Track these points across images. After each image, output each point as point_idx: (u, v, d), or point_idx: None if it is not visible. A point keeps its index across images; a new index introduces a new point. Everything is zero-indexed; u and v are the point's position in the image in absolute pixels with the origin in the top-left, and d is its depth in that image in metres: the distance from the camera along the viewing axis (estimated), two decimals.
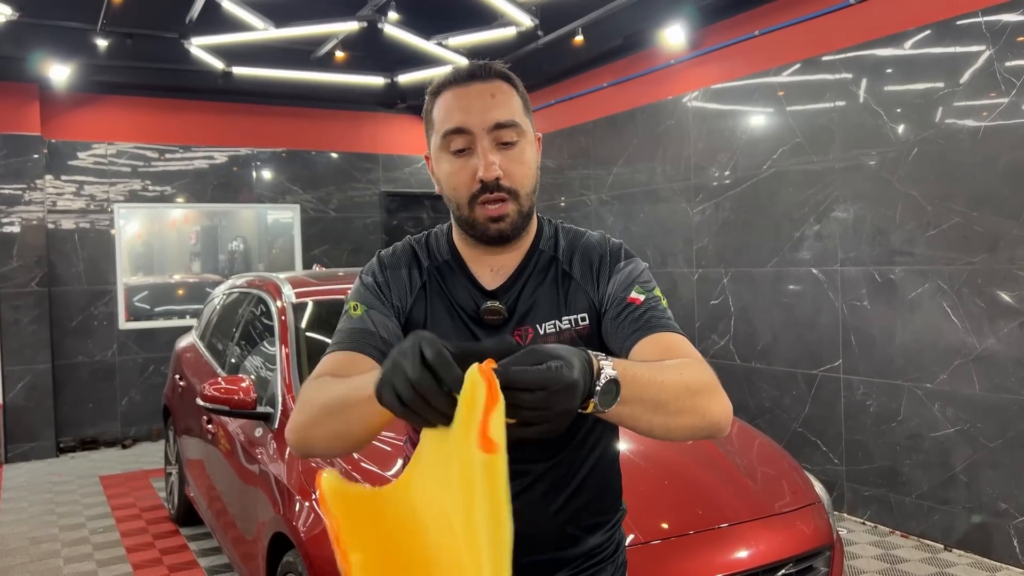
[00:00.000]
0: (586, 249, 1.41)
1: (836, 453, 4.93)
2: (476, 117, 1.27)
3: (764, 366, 5.39)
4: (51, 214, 7.13)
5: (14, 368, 6.81)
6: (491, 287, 1.38)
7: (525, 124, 1.33)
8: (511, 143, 1.30)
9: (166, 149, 7.62)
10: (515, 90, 1.34)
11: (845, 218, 4.80)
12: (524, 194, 1.31)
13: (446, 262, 1.42)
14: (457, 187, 1.30)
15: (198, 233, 8.10)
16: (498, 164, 1.27)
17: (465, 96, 1.30)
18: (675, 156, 6.06)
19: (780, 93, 5.15)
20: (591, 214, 6.99)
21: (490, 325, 1.35)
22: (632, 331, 1.28)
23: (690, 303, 5.97)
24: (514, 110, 1.31)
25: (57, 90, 6.91)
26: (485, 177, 1.26)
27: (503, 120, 1.28)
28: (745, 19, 5.45)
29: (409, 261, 1.43)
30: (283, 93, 7.65)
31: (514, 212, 1.31)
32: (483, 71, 1.32)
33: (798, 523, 2.73)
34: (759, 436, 3.30)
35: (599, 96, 6.83)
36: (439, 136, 1.31)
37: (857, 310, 4.76)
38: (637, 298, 1.32)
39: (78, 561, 4.49)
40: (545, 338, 1.34)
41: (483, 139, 1.27)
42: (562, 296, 1.37)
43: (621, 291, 1.33)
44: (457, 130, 1.28)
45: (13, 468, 6.64)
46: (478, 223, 1.31)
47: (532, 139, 1.36)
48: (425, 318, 1.38)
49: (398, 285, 1.40)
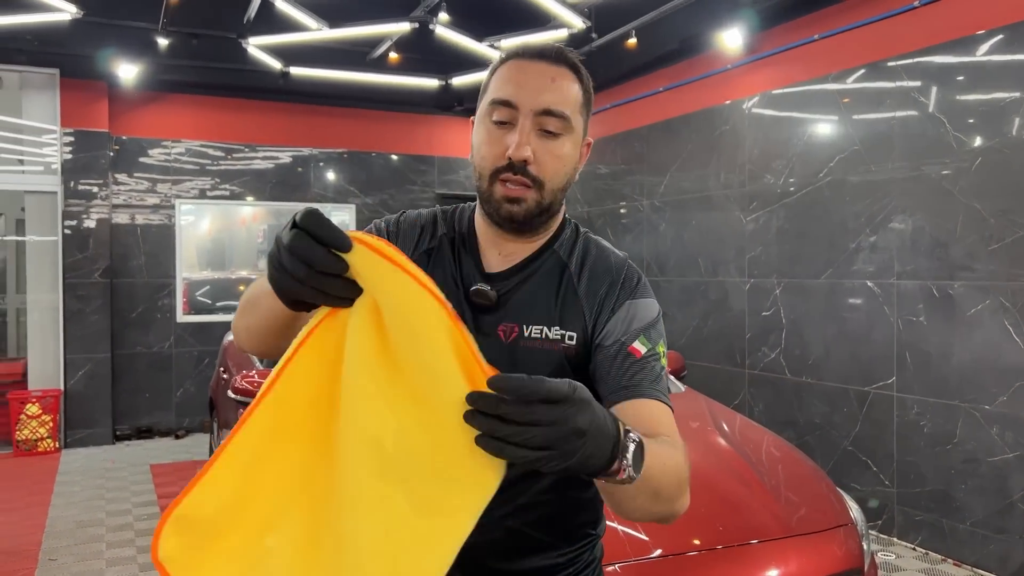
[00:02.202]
0: (600, 269, 1.34)
1: (887, 474, 4.72)
2: (527, 95, 1.22)
3: (815, 381, 5.20)
4: (116, 208, 7.35)
5: (76, 356, 7.03)
6: (492, 270, 1.32)
7: (576, 121, 1.26)
8: (554, 134, 1.23)
9: (231, 148, 7.79)
10: (579, 83, 1.28)
11: (903, 230, 4.61)
12: (549, 188, 1.25)
13: (461, 234, 1.37)
14: (485, 156, 1.25)
15: (264, 231, 8.26)
16: (532, 148, 1.22)
17: (525, 71, 1.25)
18: (729, 163, 5.92)
19: (845, 100, 4.97)
20: (643, 220, 6.89)
21: (477, 308, 1.30)
22: (619, 387, 1.20)
23: (741, 314, 5.81)
24: (569, 102, 1.25)
25: (124, 88, 7.11)
26: (514, 156, 1.21)
27: (553, 108, 1.22)
28: (804, 23, 5.29)
29: (426, 224, 1.39)
30: (342, 94, 7.74)
31: (533, 201, 1.24)
32: (553, 53, 1.26)
33: (828, 544, 2.61)
34: (794, 452, 3.17)
35: (654, 100, 6.72)
36: (487, 102, 1.27)
37: (913, 326, 4.56)
38: (638, 349, 1.24)
39: (119, 546, 4.59)
40: (529, 341, 1.27)
41: (527, 119, 1.22)
42: (559, 306, 1.30)
43: (623, 333, 1.25)
44: (505, 102, 1.23)
45: (71, 453, 6.85)
46: (494, 199, 1.25)
47: (579, 139, 1.29)
48: None
49: (406, 238, 1.37)
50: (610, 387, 1.21)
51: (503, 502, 1.21)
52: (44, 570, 4.24)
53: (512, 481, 1.22)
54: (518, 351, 1.26)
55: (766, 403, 5.57)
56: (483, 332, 1.27)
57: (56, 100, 7.02)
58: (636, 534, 2.47)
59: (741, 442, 3.15)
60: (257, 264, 8.17)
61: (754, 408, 5.67)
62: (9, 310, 8.76)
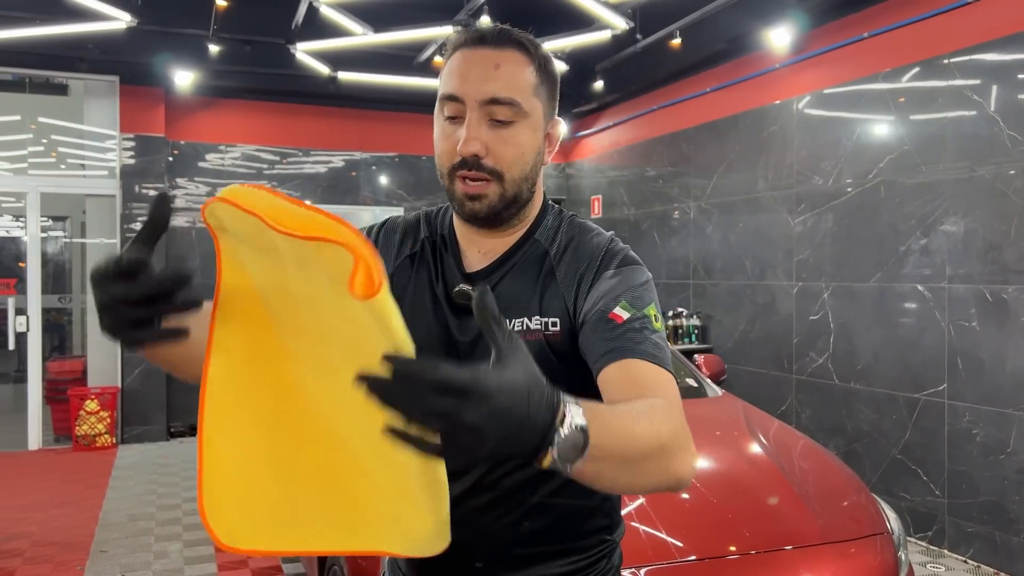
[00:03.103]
0: (581, 249, 1.26)
1: (938, 484, 4.58)
2: (471, 87, 1.16)
3: (863, 387, 5.08)
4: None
5: (132, 355, 7.23)
6: (472, 269, 1.29)
7: (530, 104, 1.19)
8: (505, 122, 1.17)
9: (284, 152, 7.94)
10: (530, 63, 1.20)
11: (955, 232, 4.47)
12: (510, 177, 1.19)
13: (442, 236, 1.34)
14: (440, 154, 1.22)
15: None
16: (483, 141, 1.16)
17: (469, 61, 1.19)
18: (777, 164, 5.82)
19: (901, 99, 4.84)
20: (689, 223, 6.81)
21: (461, 309, 1.25)
22: (603, 352, 1.11)
23: (788, 318, 5.70)
24: (518, 86, 1.18)
25: (179, 94, 7.31)
26: (462, 151, 1.17)
27: (500, 96, 1.16)
28: (853, 21, 5.18)
29: (408, 228, 1.36)
30: (390, 98, 7.83)
31: (494, 195, 1.19)
32: (495, 36, 1.20)
33: (863, 552, 2.55)
34: (830, 459, 3.10)
35: (701, 101, 6.65)
36: (438, 98, 1.23)
37: (965, 331, 4.42)
38: (620, 315, 1.14)
39: (167, 540, 4.71)
40: None
41: (473, 111, 1.17)
42: (539, 294, 1.24)
43: (603, 303, 1.16)
44: (451, 96, 1.19)
45: (127, 449, 7.06)
46: (455, 197, 1.22)
47: (537, 123, 1.21)
48: (405, 290, 1.30)
49: (387, 248, 1.34)
50: (593, 357, 1.14)
51: (509, 509, 1.23)
52: (95, 561, 4.38)
53: (516, 486, 1.22)
54: None
55: (813, 409, 5.46)
56: (466, 334, 1.24)
57: (116, 106, 7.25)
58: (668, 538, 2.45)
59: (776, 448, 3.09)
60: None
61: (801, 414, 5.56)
62: (75, 310, 9.06)
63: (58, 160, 7.47)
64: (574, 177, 8.74)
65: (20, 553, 4.48)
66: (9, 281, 7.30)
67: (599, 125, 8.06)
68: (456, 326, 1.25)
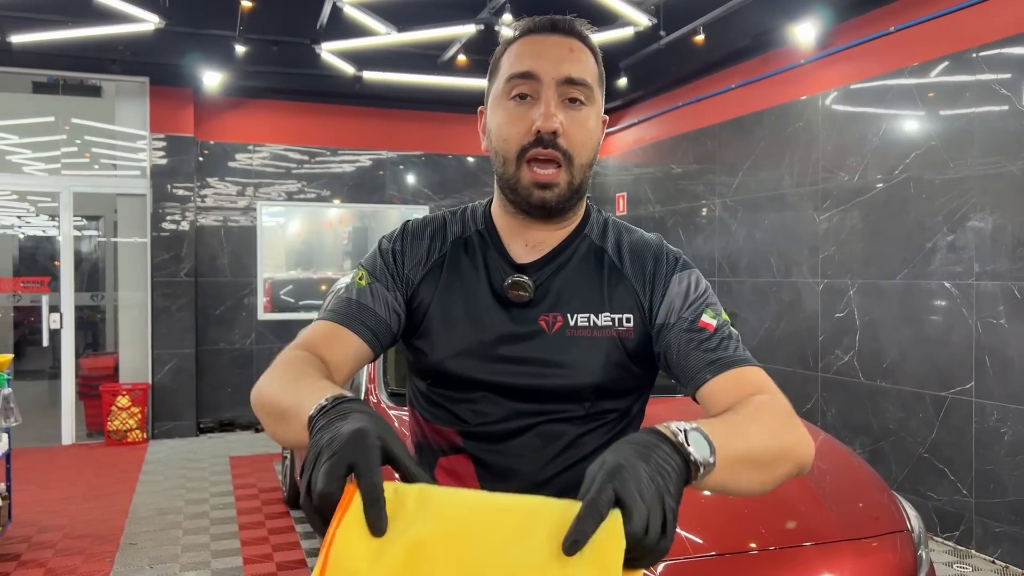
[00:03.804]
0: (640, 246, 1.28)
1: (965, 483, 4.53)
2: (548, 65, 1.17)
3: (890, 385, 5.03)
4: (201, 210, 7.66)
5: (162, 352, 7.35)
6: (522, 261, 1.25)
7: (597, 92, 1.22)
8: (579, 103, 1.18)
9: (312, 151, 8.02)
10: (593, 56, 1.23)
11: (982, 228, 4.41)
12: (579, 163, 1.18)
13: (478, 231, 1.30)
14: (508, 137, 1.18)
15: (350, 233, 8.49)
16: (560, 119, 1.15)
17: (541, 44, 1.20)
18: (803, 160, 5.77)
19: (929, 95, 4.79)
20: (714, 219, 6.78)
21: (514, 303, 1.22)
22: (706, 364, 1.15)
23: (814, 315, 5.66)
24: (589, 71, 1.20)
25: (208, 94, 7.41)
26: (543, 127, 1.14)
27: (576, 76, 1.17)
28: (879, 15, 5.12)
29: (435, 231, 1.31)
30: (416, 97, 7.87)
31: (564, 182, 1.18)
32: (566, 25, 1.21)
33: (882, 550, 2.53)
34: (851, 456, 3.08)
35: (726, 98, 6.61)
36: (502, 81, 1.20)
37: (993, 328, 4.36)
38: (710, 323, 1.18)
39: (195, 533, 4.79)
40: (575, 330, 1.21)
41: (550, 88, 1.16)
42: (606, 289, 1.24)
43: (687, 309, 1.20)
44: (524, 74, 1.17)
45: (157, 444, 7.17)
46: (522, 185, 1.18)
47: (600, 111, 1.23)
48: (434, 294, 1.26)
49: (415, 254, 1.29)
50: (695, 367, 1.16)
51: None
52: (124, 553, 4.46)
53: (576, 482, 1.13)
54: (565, 341, 1.21)
55: (839, 407, 5.41)
56: (523, 326, 1.22)
57: (146, 107, 7.37)
58: (687, 534, 2.45)
59: None
60: (343, 264, 8.37)
61: (827, 413, 5.51)
62: (107, 307, 9.23)
63: (91, 160, 7.60)
64: (599, 174, 8.72)
65: (52, 545, 4.58)
66: (43, 279, 7.45)
67: (624, 122, 8.04)
68: (510, 318, 1.22)
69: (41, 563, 4.30)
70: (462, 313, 1.24)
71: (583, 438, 1.22)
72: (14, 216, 9.56)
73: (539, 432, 1.20)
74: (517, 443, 1.21)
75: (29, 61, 6.83)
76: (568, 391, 1.20)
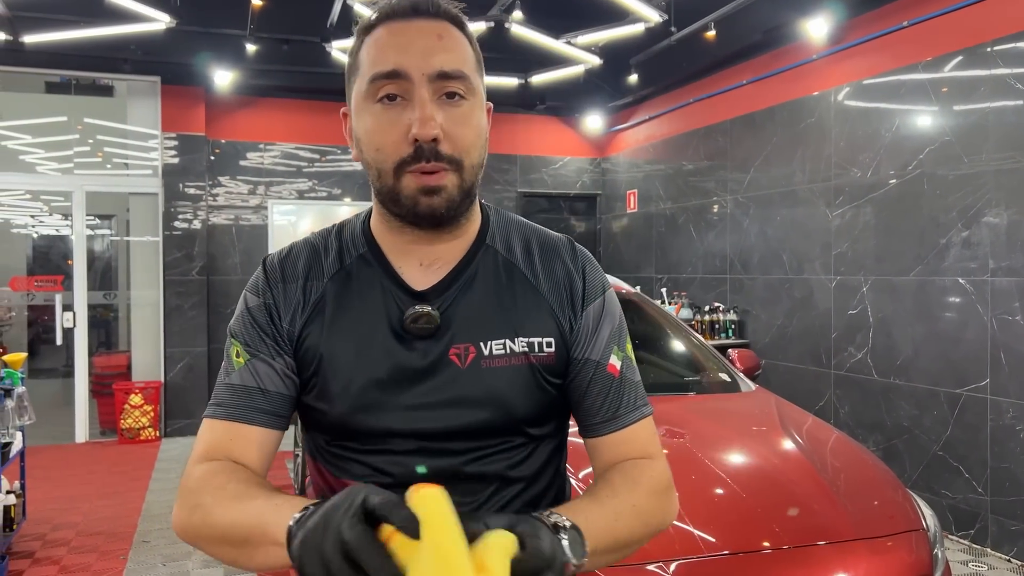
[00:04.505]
0: (550, 252, 1.15)
1: (980, 481, 4.49)
2: (416, 59, 1.00)
3: (903, 383, 4.99)
4: (212, 209, 7.68)
5: (175, 350, 7.38)
6: (420, 287, 1.09)
7: (476, 82, 1.06)
8: (458, 97, 1.02)
9: (322, 150, 8.03)
10: (467, 39, 1.08)
11: (997, 224, 4.37)
12: (468, 165, 1.04)
13: (360, 256, 1.12)
14: (382, 147, 1.02)
15: None
16: (439, 122, 1.00)
17: (404, 33, 1.03)
18: (815, 156, 5.74)
19: (942, 89, 4.75)
20: (726, 216, 6.75)
21: (417, 335, 1.06)
22: (604, 417, 1.11)
23: (827, 312, 5.63)
24: (465, 59, 1.05)
25: (219, 93, 7.42)
26: (420, 135, 0.98)
27: (450, 69, 1.01)
28: (891, 10, 5.08)
29: (305, 267, 1.13)
30: None
31: (453, 186, 1.02)
32: (429, 6, 1.05)
33: (897, 549, 2.51)
34: (864, 455, 3.06)
35: (737, 94, 6.58)
36: (365, 81, 1.03)
37: (1008, 325, 4.32)
38: (615, 366, 1.11)
39: None
40: (491, 359, 1.07)
41: (422, 87, 1.00)
42: (521, 310, 1.10)
43: (596, 347, 1.11)
44: (391, 74, 1.00)
45: (170, 442, 7.20)
46: (405, 195, 1.02)
47: (482, 102, 1.08)
48: (320, 342, 1.08)
49: (289, 302, 1.11)
50: (593, 418, 1.12)
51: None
52: (137, 551, 4.48)
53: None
54: (482, 374, 1.07)
55: (852, 405, 5.38)
56: (432, 362, 1.07)
57: (158, 106, 7.39)
58: (699, 533, 2.44)
59: (809, 443, 3.05)
60: None
61: (840, 410, 5.48)
62: (120, 306, 9.27)
63: (103, 160, 7.63)
64: (610, 172, 8.70)
65: (66, 542, 4.60)
66: (57, 278, 7.49)
67: (634, 119, 8.01)
68: (416, 355, 1.07)
69: (55, 560, 4.32)
70: (357, 359, 1.07)
71: (515, 470, 1.11)
72: (27, 215, 9.62)
73: (468, 473, 1.08)
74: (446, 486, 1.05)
75: (42, 61, 6.87)
76: (493, 428, 1.08)
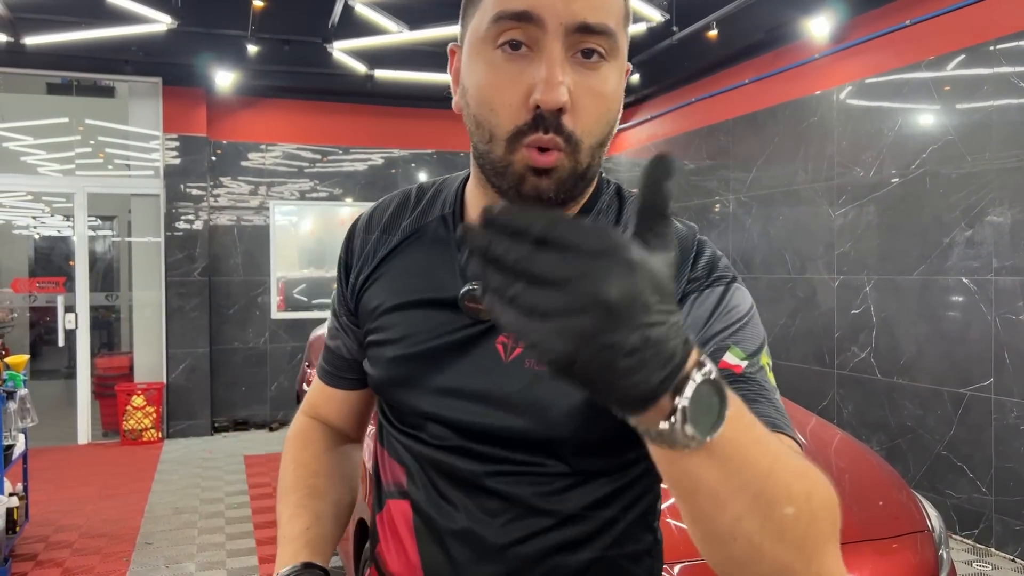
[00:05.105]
0: None
1: (984, 481, 4.48)
2: (555, 2, 0.79)
3: (907, 382, 4.98)
4: (214, 209, 7.68)
5: (176, 351, 7.38)
6: None
7: (621, 40, 0.84)
8: (596, 57, 0.82)
9: (324, 150, 8.03)
10: None
11: (1001, 223, 4.36)
12: (587, 146, 0.83)
13: (442, 217, 0.99)
14: (496, 108, 0.82)
15: None
16: (569, 87, 0.80)
17: None
18: (818, 155, 5.73)
19: (945, 88, 4.74)
20: (728, 215, 6.74)
21: (469, 314, 0.92)
22: None
23: (830, 312, 5.61)
24: (613, 10, 0.83)
25: (220, 94, 7.42)
26: (544, 101, 0.79)
27: (594, 21, 0.80)
28: (894, 8, 5.07)
29: (389, 218, 1.03)
30: (428, 95, 7.86)
31: (566, 169, 0.83)
32: None
33: (903, 550, 2.50)
34: (869, 455, 3.04)
35: (739, 93, 6.56)
36: (487, 17, 0.82)
37: (1012, 325, 4.31)
38: (734, 364, 0.83)
39: (210, 533, 4.80)
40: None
41: (555, 39, 0.79)
42: None
43: (712, 343, 0.84)
44: (521, 15, 0.79)
45: (172, 443, 7.20)
46: (513, 170, 0.83)
47: (623, 65, 0.87)
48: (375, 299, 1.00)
49: (360, 255, 1.04)
50: None
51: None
52: (140, 553, 4.48)
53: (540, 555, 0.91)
54: (524, 374, 0.89)
55: (856, 405, 5.37)
56: (474, 346, 0.93)
57: (159, 107, 7.39)
58: None
59: (813, 444, 3.04)
60: None
61: (843, 410, 5.47)
62: (122, 307, 9.27)
63: (105, 161, 7.63)
64: (611, 171, 8.69)
65: (69, 544, 4.60)
66: (59, 280, 7.49)
67: (636, 118, 8.01)
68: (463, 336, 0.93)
69: (58, 563, 4.32)
70: (402, 326, 0.97)
71: (547, 501, 0.91)
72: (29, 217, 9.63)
73: (489, 488, 0.91)
74: (465, 495, 0.93)
75: (43, 62, 6.86)
76: (525, 441, 0.90)
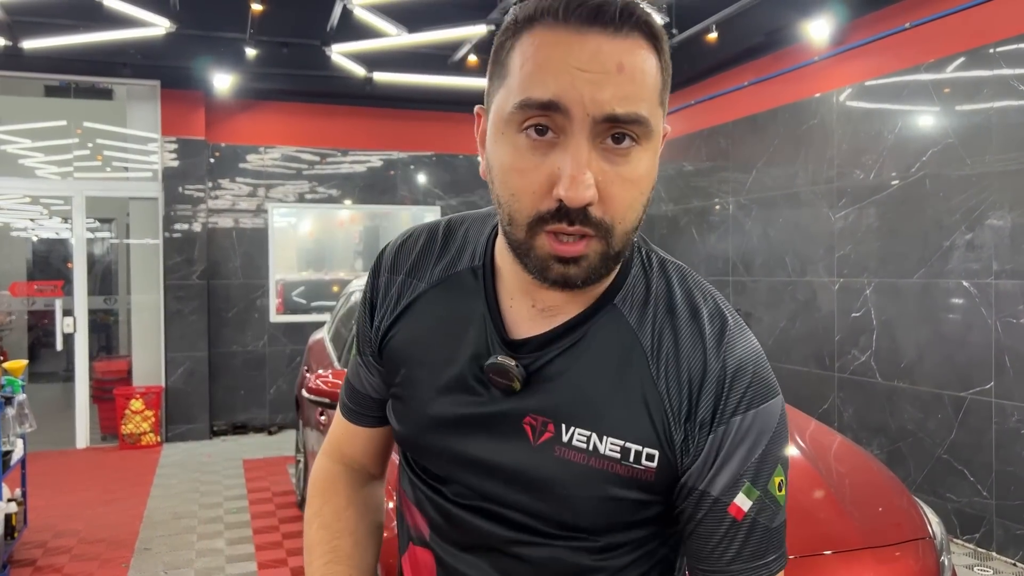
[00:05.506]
0: (690, 336, 0.86)
1: (985, 485, 4.47)
2: (582, 91, 0.75)
3: (908, 385, 4.97)
4: (212, 212, 7.66)
5: (175, 355, 7.37)
6: (518, 334, 0.89)
7: (655, 119, 0.80)
8: (624, 147, 0.78)
9: (323, 152, 8.01)
10: (657, 59, 0.80)
11: (1001, 226, 4.35)
12: (621, 231, 0.81)
13: (472, 269, 0.94)
14: (519, 194, 0.79)
15: (361, 234, 8.49)
16: (595, 182, 0.77)
17: (573, 50, 0.76)
18: (818, 158, 5.72)
19: (945, 91, 4.73)
20: (728, 218, 6.73)
21: (496, 386, 0.88)
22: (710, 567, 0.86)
23: (830, 315, 5.60)
24: (646, 94, 0.78)
25: (219, 97, 7.41)
26: (569, 198, 0.76)
27: (623, 113, 0.76)
28: (894, 11, 5.06)
29: (416, 259, 0.98)
30: (427, 98, 7.85)
31: (596, 255, 0.80)
32: (616, 15, 0.76)
33: (904, 557, 2.49)
34: (870, 461, 3.03)
35: (739, 96, 6.56)
36: (512, 100, 0.79)
37: (1013, 328, 4.30)
38: (741, 508, 0.83)
39: (209, 538, 4.79)
40: (568, 450, 0.85)
41: (582, 130, 0.76)
42: (622, 404, 0.85)
43: (722, 485, 0.84)
44: (547, 105, 0.76)
45: (171, 447, 7.18)
46: (535, 256, 0.80)
47: (658, 142, 0.83)
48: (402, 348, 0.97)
49: (386, 296, 1.00)
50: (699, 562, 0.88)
51: None
52: (139, 558, 4.46)
53: None
54: (552, 463, 0.86)
55: (856, 408, 5.36)
56: (501, 422, 0.89)
57: (157, 110, 7.37)
58: None
59: (813, 449, 3.03)
60: (354, 264, 8.36)
61: (843, 413, 5.46)
62: (120, 310, 9.26)
63: (103, 164, 7.62)
64: None
65: (68, 550, 4.58)
66: (57, 283, 7.47)
67: None
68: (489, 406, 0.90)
69: (57, 568, 4.30)
70: (428, 386, 0.94)
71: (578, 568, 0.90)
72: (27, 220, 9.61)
73: (508, 553, 0.90)
74: (488, 556, 0.92)
75: (41, 65, 6.85)
76: (553, 522, 0.88)
